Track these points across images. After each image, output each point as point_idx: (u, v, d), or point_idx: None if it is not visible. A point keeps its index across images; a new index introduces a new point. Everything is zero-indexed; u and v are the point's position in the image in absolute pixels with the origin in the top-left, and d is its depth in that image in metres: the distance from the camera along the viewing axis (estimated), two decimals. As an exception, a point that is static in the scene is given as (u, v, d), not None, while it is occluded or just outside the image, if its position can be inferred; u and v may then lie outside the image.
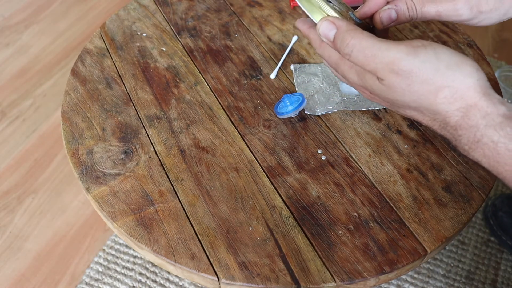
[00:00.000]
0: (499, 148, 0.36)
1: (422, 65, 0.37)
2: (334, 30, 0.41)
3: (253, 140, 0.58)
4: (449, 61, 0.37)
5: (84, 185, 0.54)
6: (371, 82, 0.40)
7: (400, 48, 0.38)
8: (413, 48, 0.38)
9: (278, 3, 0.76)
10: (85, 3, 1.65)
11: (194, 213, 0.52)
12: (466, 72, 0.37)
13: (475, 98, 0.36)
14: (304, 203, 0.52)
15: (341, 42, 0.41)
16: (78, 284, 0.99)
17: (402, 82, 0.38)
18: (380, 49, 0.38)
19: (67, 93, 0.64)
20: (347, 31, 0.40)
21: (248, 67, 0.67)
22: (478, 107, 0.36)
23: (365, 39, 0.39)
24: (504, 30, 1.56)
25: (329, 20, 0.42)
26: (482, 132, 0.36)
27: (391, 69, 0.38)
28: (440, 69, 0.37)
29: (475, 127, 0.36)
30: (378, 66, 0.39)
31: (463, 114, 0.37)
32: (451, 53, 0.38)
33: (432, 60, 0.37)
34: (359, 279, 0.47)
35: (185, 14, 0.75)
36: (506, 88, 1.22)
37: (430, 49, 0.38)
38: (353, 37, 0.40)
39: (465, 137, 0.37)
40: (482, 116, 0.36)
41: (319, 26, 0.42)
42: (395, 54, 0.38)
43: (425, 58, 0.37)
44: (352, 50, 0.40)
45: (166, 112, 0.61)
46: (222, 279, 0.47)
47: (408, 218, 0.51)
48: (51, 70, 1.43)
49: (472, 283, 0.99)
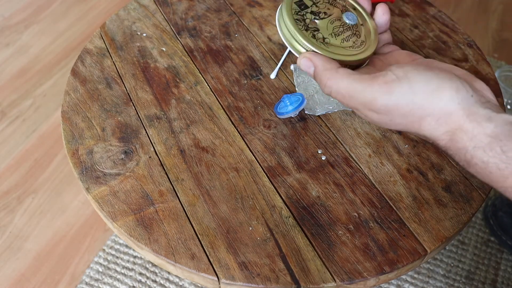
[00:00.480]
0: (490, 168, 0.36)
1: (398, 101, 0.37)
2: (312, 68, 0.42)
3: (253, 140, 0.58)
4: (426, 90, 0.37)
5: (84, 185, 0.54)
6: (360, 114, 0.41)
7: (374, 88, 0.38)
8: (386, 85, 0.38)
9: (278, 3, 0.76)
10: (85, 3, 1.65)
11: (194, 213, 0.52)
12: (446, 97, 0.36)
13: (459, 122, 0.36)
14: (304, 203, 0.52)
15: (319, 81, 0.42)
16: (78, 284, 0.99)
17: (384, 118, 0.39)
18: (355, 90, 0.39)
19: (67, 93, 0.64)
20: (324, 70, 0.41)
21: (248, 67, 0.67)
22: (463, 129, 0.36)
23: (341, 80, 0.40)
24: (504, 30, 1.56)
25: (306, 57, 0.42)
26: (471, 153, 0.36)
27: (370, 108, 0.39)
28: (417, 102, 0.37)
29: (463, 149, 0.36)
30: (358, 107, 0.39)
31: (450, 137, 0.37)
32: (428, 79, 0.37)
33: (407, 94, 0.37)
34: (359, 279, 0.47)
35: (185, 14, 0.75)
36: (506, 88, 1.22)
37: (405, 82, 0.37)
38: (329, 78, 0.40)
39: (457, 157, 0.37)
40: (469, 139, 0.36)
41: (299, 63, 0.43)
42: (370, 95, 0.38)
43: (399, 95, 0.37)
44: (331, 91, 0.41)
45: (166, 112, 0.61)
46: (222, 279, 0.47)
47: (408, 218, 0.51)
48: (51, 70, 1.43)
49: (472, 283, 0.99)
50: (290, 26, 0.45)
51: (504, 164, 0.35)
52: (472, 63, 0.67)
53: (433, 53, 0.68)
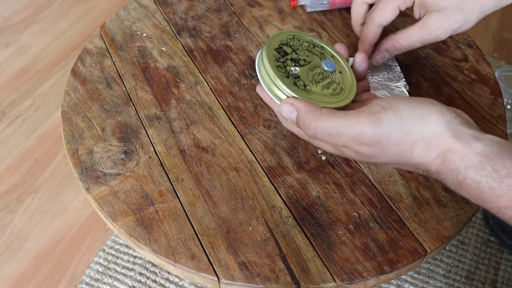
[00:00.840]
0: (483, 188, 0.36)
1: (388, 130, 0.37)
2: (295, 112, 0.42)
3: (253, 140, 0.58)
4: (412, 117, 0.38)
5: (84, 185, 0.54)
6: (348, 153, 0.41)
7: (362, 121, 0.38)
8: (373, 116, 0.38)
9: (278, 3, 0.76)
10: (85, 3, 1.65)
11: (194, 213, 0.52)
12: (433, 122, 0.37)
13: (449, 143, 0.37)
14: (304, 203, 0.52)
15: (303, 125, 0.41)
16: (78, 284, 0.99)
17: (376, 150, 0.39)
18: (342, 127, 0.39)
19: (67, 93, 0.64)
20: (306, 113, 0.40)
21: (248, 67, 0.67)
22: (453, 150, 0.36)
23: (326, 119, 0.40)
24: (504, 30, 1.56)
25: (288, 103, 0.42)
26: (464, 174, 0.36)
27: (360, 142, 0.38)
28: (407, 129, 0.37)
29: (455, 170, 0.37)
30: (347, 143, 0.39)
31: (442, 160, 0.37)
32: (412, 107, 0.38)
33: (397, 122, 0.38)
34: (359, 279, 0.47)
35: (185, 14, 0.75)
36: (506, 88, 1.22)
37: (391, 111, 0.38)
38: (313, 119, 0.40)
39: (449, 180, 0.38)
40: (460, 159, 0.36)
41: (281, 110, 0.43)
42: (359, 128, 0.38)
43: (389, 124, 0.38)
44: (316, 132, 0.40)
45: (166, 112, 0.61)
46: (222, 279, 0.47)
47: (408, 218, 0.51)
48: (51, 70, 1.43)
49: (472, 283, 0.99)
50: (271, 72, 0.44)
51: (496, 183, 0.35)
52: (472, 63, 0.67)
53: (433, 53, 0.68)
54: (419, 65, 0.66)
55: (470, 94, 0.63)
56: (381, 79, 0.62)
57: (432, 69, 0.66)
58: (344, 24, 0.72)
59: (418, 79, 0.65)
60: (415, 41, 0.55)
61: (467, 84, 0.64)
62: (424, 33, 0.54)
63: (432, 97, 0.62)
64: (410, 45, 0.56)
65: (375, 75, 0.62)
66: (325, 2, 0.73)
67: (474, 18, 0.53)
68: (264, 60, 0.45)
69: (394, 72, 0.63)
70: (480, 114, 0.60)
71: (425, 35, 0.54)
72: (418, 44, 0.56)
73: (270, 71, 0.44)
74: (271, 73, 0.44)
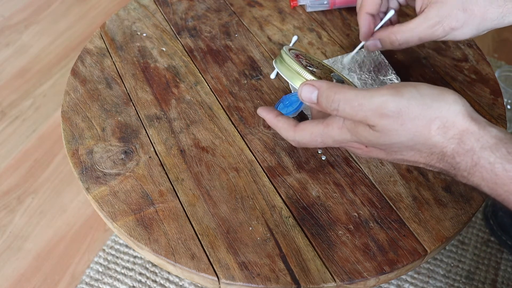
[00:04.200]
0: (497, 170, 0.36)
1: (408, 102, 0.38)
2: (315, 92, 0.42)
3: (253, 140, 0.58)
4: (431, 93, 0.39)
5: (84, 185, 0.54)
6: (364, 133, 0.41)
7: (383, 92, 0.39)
8: (394, 89, 0.39)
9: (278, 3, 0.76)
10: (85, 3, 1.65)
11: (194, 213, 0.52)
12: (450, 100, 0.38)
13: (466, 123, 0.38)
14: (304, 203, 0.52)
15: (325, 100, 0.41)
16: (78, 284, 0.99)
17: (395, 123, 0.38)
18: (364, 97, 0.39)
19: (67, 93, 0.64)
20: (328, 88, 0.41)
21: (248, 67, 0.67)
22: (470, 131, 0.37)
23: (348, 91, 0.40)
24: (504, 30, 1.56)
25: (308, 83, 0.43)
26: (479, 154, 0.37)
27: (381, 114, 0.38)
28: (427, 103, 0.38)
29: (471, 151, 0.37)
30: (368, 114, 0.39)
31: (458, 140, 0.38)
32: (430, 87, 0.39)
33: (417, 96, 0.38)
34: (359, 279, 0.47)
35: (185, 14, 0.75)
36: (506, 88, 1.22)
37: (411, 87, 0.39)
38: (336, 92, 0.41)
39: (463, 163, 0.38)
40: (476, 139, 0.37)
41: (300, 92, 0.43)
42: (380, 98, 0.38)
43: (409, 96, 0.38)
44: (339, 104, 0.40)
45: (166, 112, 0.61)
46: (222, 279, 0.47)
47: (408, 218, 0.51)
48: (51, 70, 1.43)
49: (472, 283, 0.99)
50: (292, 63, 0.48)
51: (510, 165, 0.35)
52: (472, 63, 0.67)
53: (433, 53, 0.68)
54: (419, 65, 0.66)
55: (470, 94, 0.63)
56: (371, 74, 0.62)
57: (432, 69, 0.66)
58: (344, 24, 0.72)
59: (418, 79, 0.64)
60: (411, 36, 0.53)
61: (467, 84, 0.64)
62: (421, 28, 0.52)
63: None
64: (406, 40, 0.54)
65: (365, 72, 0.62)
66: (325, 2, 0.73)
67: (475, 24, 0.51)
68: (283, 56, 0.49)
69: (382, 65, 0.63)
70: (480, 114, 0.60)
71: (423, 30, 0.52)
72: (414, 40, 0.53)
73: (289, 61, 0.48)
74: (291, 63, 0.47)
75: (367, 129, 0.40)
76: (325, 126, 0.43)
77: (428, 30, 0.52)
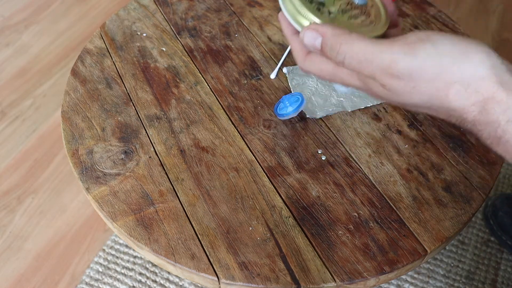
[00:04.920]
0: None
1: (423, 63, 0.33)
2: (319, 38, 0.37)
3: (253, 140, 0.58)
4: (452, 52, 0.33)
5: (84, 185, 0.54)
6: (375, 89, 0.36)
7: (394, 49, 0.34)
8: (408, 46, 0.34)
9: (278, 3, 0.76)
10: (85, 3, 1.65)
11: (194, 213, 0.52)
12: (476, 60, 0.32)
13: (492, 90, 0.32)
14: (304, 203, 0.52)
15: (330, 49, 0.37)
16: (78, 284, 0.99)
17: (406, 86, 0.34)
18: (373, 52, 0.34)
19: (67, 93, 0.64)
20: (334, 36, 0.36)
21: (248, 67, 0.67)
22: (496, 99, 0.32)
23: (356, 42, 0.35)
24: (504, 30, 1.56)
25: (311, 28, 0.37)
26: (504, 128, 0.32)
27: (390, 74, 0.34)
28: (444, 64, 0.33)
29: (495, 122, 0.32)
30: (376, 72, 0.35)
31: (481, 109, 0.32)
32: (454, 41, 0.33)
33: (433, 55, 0.33)
34: (359, 279, 0.47)
35: (185, 14, 0.75)
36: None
37: (428, 43, 0.33)
38: (341, 42, 0.36)
39: (486, 132, 0.33)
40: (503, 111, 0.32)
41: (303, 37, 0.38)
42: (391, 56, 0.34)
43: (425, 55, 0.33)
44: (345, 56, 0.36)
45: (166, 112, 0.61)
46: (222, 279, 0.47)
47: (408, 218, 0.51)
48: (51, 70, 1.43)
49: (472, 283, 0.99)
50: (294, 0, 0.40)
51: None
52: (472, 63, 0.67)
53: (433, 53, 0.68)
54: (419, 65, 0.66)
55: (470, 94, 0.63)
56: None
57: (432, 69, 0.66)
58: (344, 24, 0.72)
59: (418, 79, 0.64)
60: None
61: (467, 84, 0.64)
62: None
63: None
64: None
65: None
66: (325, 2, 0.73)
67: None
68: None
69: None
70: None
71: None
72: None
73: None
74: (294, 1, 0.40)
75: (378, 85, 0.36)
76: (334, 66, 0.38)
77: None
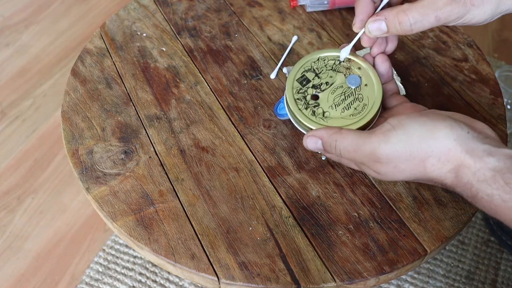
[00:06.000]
0: (495, 201, 0.36)
1: (396, 147, 0.39)
2: (319, 141, 0.44)
3: (253, 140, 0.58)
4: (420, 132, 0.39)
5: (84, 185, 0.54)
6: (368, 171, 0.43)
7: (373, 139, 0.40)
8: (383, 134, 0.40)
9: (278, 3, 0.76)
10: (85, 3, 1.65)
11: (194, 213, 0.52)
12: (441, 136, 0.38)
13: (460, 158, 0.37)
14: (304, 203, 0.52)
15: (329, 147, 0.44)
16: (78, 284, 0.99)
17: (388, 167, 0.40)
18: (358, 144, 0.41)
19: (67, 93, 0.64)
20: (330, 136, 0.43)
21: (248, 67, 0.67)
22: (466, 165, 0.37)
23: (346, 137, 0.42)
24: (504, 30, 1.56)
25: (310, 135, 0.45)
26: (476, 187, 0.37)
27: (374, 160, 0.40)
28: (414, 144, 0.39)
29: (468, 184, 0.37)
30: (363, 159, 0.41)
31: (455, 174, 0.38)
32: (421, 123, 0.39)
33: (403, 138, 0.39)
34: (359, 279, 0.47)
35: (185, 14, 0.75)
36: (506, 88, 1.22)
37: (399, 129, 0.39)
38: (336, 139, 0.43)
39: (465, 193, 0.39)
40: (472, 173, 0.37)
41: (306, 144, 0.46)
42: (371, 145, 0.40)
43: (395, 140, 0.39)
44: (340, 151, 0.43)
45: (166, 112, 0.61)
46: (222, 279, 0.47)
47: (408, 218, 0.51)
48: (51, 70, 1.43)
49: (472, 283, 0.99)
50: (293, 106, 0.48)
51: (508, 195, 0.35)
52: (472, 63, 0.67)
53: (433, 53, 0.68)
54: (419, 65, 0.66)
55: (470, 94, 0.63)
56: None
57: (432, 69, 0.66)
58: (344, 24, 0.72)
59: (418, 79, 0.65)
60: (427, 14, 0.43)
61: (467, 84, 0.64)
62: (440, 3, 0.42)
63: (432, 97, 0.62)
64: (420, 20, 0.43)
65: None
66: (325, 2, 0.73)
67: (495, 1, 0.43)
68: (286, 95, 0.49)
69: None
70: (480, 114, 0.60)
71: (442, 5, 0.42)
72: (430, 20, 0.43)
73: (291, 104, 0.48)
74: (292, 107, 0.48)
75: (369, 169, 0.42)
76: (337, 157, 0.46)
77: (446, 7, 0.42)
